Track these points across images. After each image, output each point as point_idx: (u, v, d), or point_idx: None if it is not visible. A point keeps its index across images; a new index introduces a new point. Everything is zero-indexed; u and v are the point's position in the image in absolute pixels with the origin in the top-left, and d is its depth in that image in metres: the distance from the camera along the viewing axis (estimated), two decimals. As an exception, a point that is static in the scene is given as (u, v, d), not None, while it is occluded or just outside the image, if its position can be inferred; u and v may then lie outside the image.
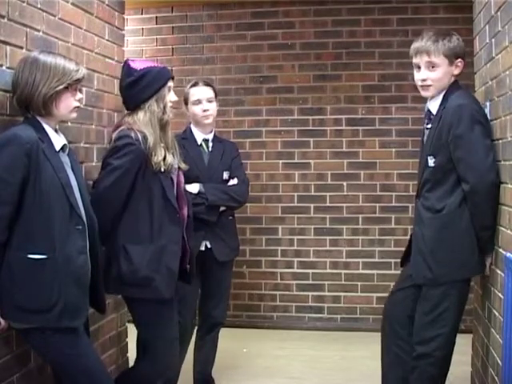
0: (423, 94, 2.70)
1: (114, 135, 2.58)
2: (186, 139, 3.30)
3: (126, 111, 2.71)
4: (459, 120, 2.53)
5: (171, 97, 2.66)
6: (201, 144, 3.33)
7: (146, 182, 2.54)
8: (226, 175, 3.34)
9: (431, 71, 2.61)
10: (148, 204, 2.55)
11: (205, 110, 3.26)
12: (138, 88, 2.59)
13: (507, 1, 2.34)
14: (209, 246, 3.24)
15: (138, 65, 2.63)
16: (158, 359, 2.60)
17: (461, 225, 2.59)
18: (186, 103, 3.33)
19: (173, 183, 2.65)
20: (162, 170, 2.57)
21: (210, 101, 3.29)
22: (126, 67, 2.64)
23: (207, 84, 3.34)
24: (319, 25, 4.89)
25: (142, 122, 2.57)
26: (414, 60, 2.66)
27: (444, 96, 2.64)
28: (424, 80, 2.63)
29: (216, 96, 3.36)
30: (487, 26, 2.72)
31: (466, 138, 2.52)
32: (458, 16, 4.60)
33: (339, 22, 4.86)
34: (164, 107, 2.61)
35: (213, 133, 3.38)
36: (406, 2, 4.77)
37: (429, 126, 2.70)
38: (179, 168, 2.73)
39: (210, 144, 3.35)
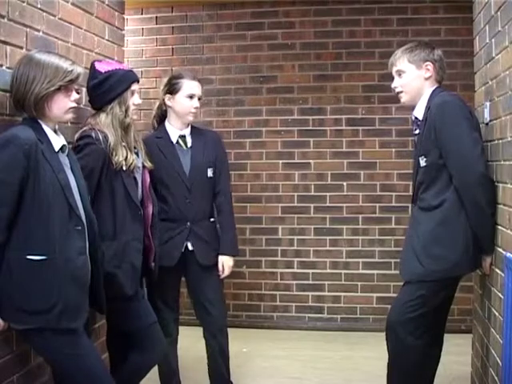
0: (401, 101, 2.85)
1: (76, 135, 2.63)
2: (160, 138, 3.13)
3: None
4: (444, 115, 2.59)
5: (135, 100, 2.68)
6: (177, 141, 3.14)
7: (109, 180, 2.58)
8: (210, 173, 3.15)
9: (400, 78, 2.79)
10: (111, 202, 2.59)
11: (196, 107, 3.13)
12: (101, 91, 2.64)
13: (507, 1, 2.35)
14: (190, 247, 3.11)
15: (103, 67, 2.67)
16: (144, 349, 2.63)
17: (457, 222, 2.60)
18: (172, 93, 3.12)
19: (136, 182, 2.69)
20: (124, 168, 2.60)
21: (199, 98, 3.16)
22: (92, 69, 2.69)
23: (199, 80, 3.21)
24: (319, 25, 4.89)
25: (104, 123, 2.62)
26: (392, 72, 2.84)
27: (428, 101, 2.71)
28: (395, 87, 2.81)
29: None
30: (487, 26, 2.72)
31: (452, 132, 2.57)
32: (457, 16, 4.61)
33: (339, 22, 4.86)
34: (126, 110, 2.65)
35: (189, 127, 3.19)
36: (405, 2, 4.76)
37: (417, 131, 2.77)
38: (144, 167, 2.76)
39: (189, 139, 3.16)
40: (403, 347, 2.68)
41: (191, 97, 3.12)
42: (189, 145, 3.17)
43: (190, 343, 3.39)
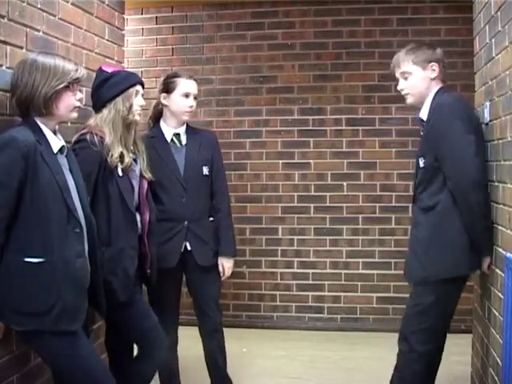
0: (406, 102, 2.84)
1: (74, 138, 2.61)
2: (154, 137, 3.10)
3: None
4: (439, 118, 2.61)
5: (139, 101, 2.68)
6: (171, 139, 3.12)
7: (104, 185, 2.56)
8: (205, 170, 3.13)
9: (406, 80, 2.77)
10: (106, 208, 2.55)
11: (191, 106, 3.11)
12: (106, 86, 2.64)
13: (507, 1, 2.35)
14: (189, 248, 3.08)
15: (110, 68, 2.72)
16: (144, 356, 2.62)
17: (453, 222, 2.60)
18: (168, 91, 3.10)
19: (133, 188, 2.66)
20: (120, 173, 2.57)
21: (195, 97, 3.14)
22: (98, 70, 2.72)
23: (195, 80, 3.18)
24: (319, 25, 4.89)
25: (106, 119, 2.60)
26: (395, 74, 2.83)
27: (432, 101, 2.71)
28: (402, 90, 2.80)
29: None
30: (487, 26, 2.72)
31: (447, 134, 2.57)
32: (458, 16, 4.61)
33: (339, 22, 4.86)
34: (130, 107, 2.64)
35: (185, 126, 3.16)
36: (405, 2, 4.77)
37: (422, 133, 2.79)
38: (142, 176, 2.73)
39: (184, 137, 3.14)
40: (415, 356, 2.66)
41: (187, 95, 3.10)
42: (183, 142, 3.14)
43: (190, 343, 3.38)
